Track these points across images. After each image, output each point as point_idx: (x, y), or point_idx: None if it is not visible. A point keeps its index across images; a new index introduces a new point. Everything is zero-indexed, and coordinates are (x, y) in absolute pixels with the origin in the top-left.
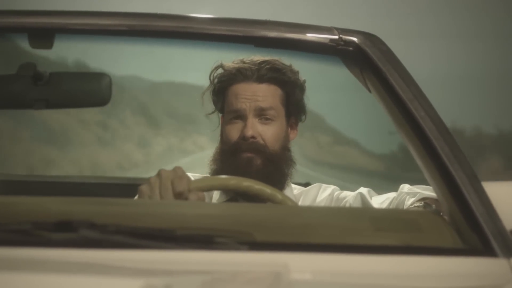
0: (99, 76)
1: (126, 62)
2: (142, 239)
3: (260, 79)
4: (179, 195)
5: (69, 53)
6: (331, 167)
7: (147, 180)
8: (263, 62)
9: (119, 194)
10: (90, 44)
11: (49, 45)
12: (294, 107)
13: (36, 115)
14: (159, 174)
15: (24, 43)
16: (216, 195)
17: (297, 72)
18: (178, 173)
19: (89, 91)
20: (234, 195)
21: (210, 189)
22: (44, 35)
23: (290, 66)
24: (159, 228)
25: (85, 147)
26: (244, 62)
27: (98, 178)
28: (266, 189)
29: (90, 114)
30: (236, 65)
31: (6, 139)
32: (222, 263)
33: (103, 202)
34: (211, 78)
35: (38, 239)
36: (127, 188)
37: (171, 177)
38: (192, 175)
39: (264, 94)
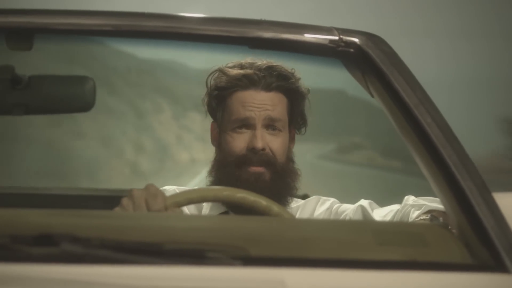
0: (83, 80)
1: None
2: (128, 253)
3: (268, 87)
4: None
5: None
6: None
7: (119, 202)
8: (269, 68)
9: (102, 207)
10: (72, 45)
11: (28, 46)
12: (298, 117)
13: None
14: (130, 195)
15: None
16: (206, 210)
17: (299, 79)
18: (151, 191)
19: (71, 95)
20: (226, 210)
21: (188, 203)
22: (22, 36)
23: (293, 72)
24: (146, 242)
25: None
26: (244, 66)
27: (80, 189)
28: (262, 201)
29: None
30: (241, 71)
31: None
32: (214, 280)
33: (86, 214)
34: (208, 83)
35: (16, 254)
36: (111, 200)
37: (144, 196)
38: (177, 188)
39: (274, 103)
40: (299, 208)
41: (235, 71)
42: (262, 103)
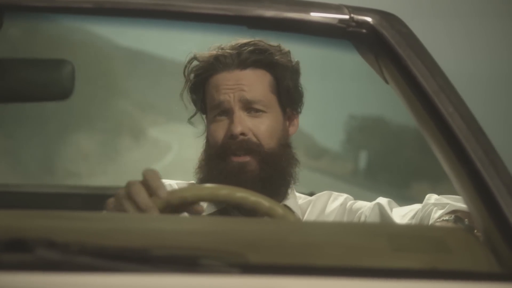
0: (59, 64)
1: None
2: (111, 260)
3: (243, 65)
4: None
5: None
6: None
7: (101, 202)
8: (244, 44)
9: (82, 207)
10: (48, 24)
11: None
12: (288, 94)
13: None
14: (128, 185)
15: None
16: (203, 205)
17: (288, 52)
18: (154, 180)
19: (46, 82)
20: (225, 206)
21: (197, 199)
22: None
23: (279, 46)
24: (132, 247)
25: None
26: (222, 49)
27: (57, 187)
28: (264, 202)
29: None
30: (213, 53)
31: None
32: None
33: (64, 216)
34: (186, 73)
35: None
36: (92, 199)
37: (146, 186)
38: (176, 183)
39: (250, 82)
40: (310, 204)
41: (208, 54)
42: (236, 83)
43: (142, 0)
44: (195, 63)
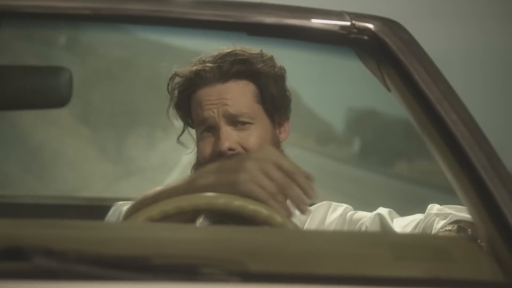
0: (57, 71)
1: None
2: (110, 268)
3: (224, 77)
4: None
5: None
6: None
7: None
8: (224, 55)
9: (80, 217)
10: (46, 31)
11: None
12: (273, 102)
13: None
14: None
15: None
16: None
17: (271, 58)
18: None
19: (44, 89)
20: (220, 218)
21: (194, 208)
22: None
23: (260, 53)
24: (131, 256)
25: None
26: (203, 61)
27: (55, 198)
28: (263, 210)
29: None
30: (193, 68)
31: None
32: None
33: (62, 224)
34: (169, 90)
35: None
36: (90, 210)
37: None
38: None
39: (233, 96)
40: (310, 213)
41: (188, 70)
42: (218, 98)
43: (140, 7)
44: (177, 79)
